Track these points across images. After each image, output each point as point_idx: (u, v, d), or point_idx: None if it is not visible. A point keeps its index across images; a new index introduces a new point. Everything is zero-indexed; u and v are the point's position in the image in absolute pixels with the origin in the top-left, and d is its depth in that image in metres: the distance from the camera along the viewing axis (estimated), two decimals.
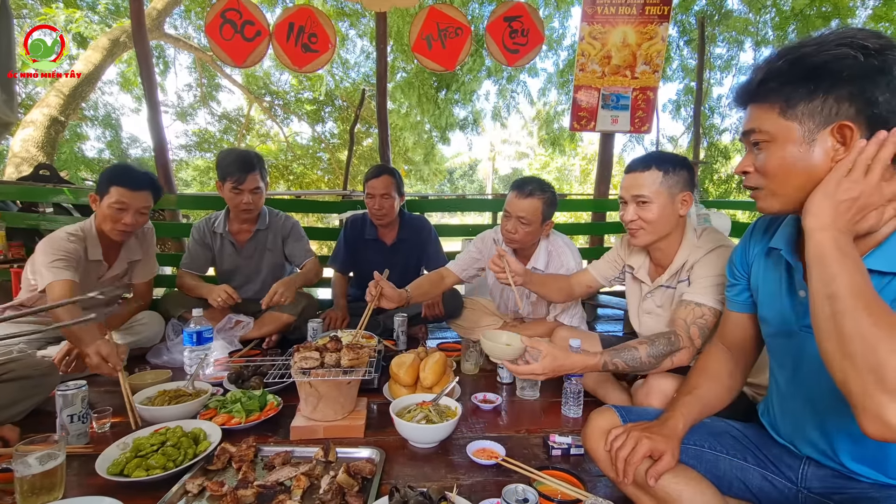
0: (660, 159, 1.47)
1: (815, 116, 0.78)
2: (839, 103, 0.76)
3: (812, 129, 0.78)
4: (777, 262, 0.98)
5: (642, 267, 1.64)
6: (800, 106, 0.79)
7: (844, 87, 0.75)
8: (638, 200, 1.47)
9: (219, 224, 2.39)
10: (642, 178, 1.46)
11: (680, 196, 1.46)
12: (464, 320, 2.53)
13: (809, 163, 0.80)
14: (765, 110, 0.83)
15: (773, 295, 0.98)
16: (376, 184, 2.42)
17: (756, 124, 0.85)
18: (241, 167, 2.21)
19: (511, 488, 0.98)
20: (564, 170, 17.72)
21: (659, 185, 1.44)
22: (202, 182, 12.21)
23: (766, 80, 0.82)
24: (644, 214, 1.47)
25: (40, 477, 1.07)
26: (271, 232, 2.45)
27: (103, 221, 1.94)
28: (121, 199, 1.89)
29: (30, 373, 1.53)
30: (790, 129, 0.80)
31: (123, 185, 1.90)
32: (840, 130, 0.77)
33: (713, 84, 9.29)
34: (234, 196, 2.25)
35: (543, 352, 1.28)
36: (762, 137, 0.84)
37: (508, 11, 2.99)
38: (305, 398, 1.49)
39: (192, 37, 9.29)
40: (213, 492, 1.14)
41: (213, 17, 2.91)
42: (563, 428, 1.61)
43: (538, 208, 1.91)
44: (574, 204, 7.32)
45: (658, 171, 1.44)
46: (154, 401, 1.57)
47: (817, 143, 0.79)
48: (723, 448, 1.07)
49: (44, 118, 5.74)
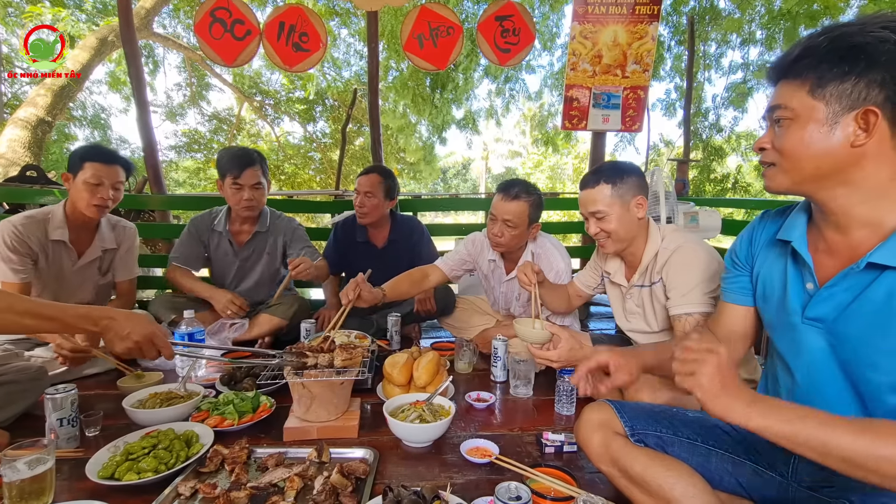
0: (608, 172, 1.55)
1: (843, 99, 0.78)
2: (870, 88, 0.76)
3: (837, 111, 0.78)
4: (783, 252, 0.98)
5: (618, 271, 1.72)
6: (830, 86, 0.78)
7: (879, 71, 0.75)
8: (596, 216, 1.56)
9: (219, 222, 2.35)
10: (594, 194, 1.55)
11: (633, 201, 1.54)
12: (456, 319, 2.54)
13: (827, 145, 0.80)
14: (795, 87, 0.83)
15: (778, 286, 0.98)
16: (363, 181, 2.42)
17: (783, 100, 0.84)
18: (241, 162, 2.18)
19: (504, 486, 0.98)
20: (557, 168, 17.79)
21: (610, 198, 1.53)
22: (192, 184, 12.09)
23: (802, 55, 0.81)
24: (604, 226, 1.56)
25: (29, 482, 1.06)
26: (272, 235, 2.41)
27: (78, 199, 1.93)
28: (96, 174, 1.90)
29: (18, 377, 1.51)
30: (815, 109, 0.80)
31: (96, 159, 1.92)
32: (864, 116, 0.77)
33: (706, 83, 9.38)
34: (235, 192, 2.20)
35: (563, 340, 1.35)
36: (786, 114, 0.84)
37: (500, 10, 2.99)
38: (298, 399, 1.49)
39: (181, 36, 9.20)
40: (205, 494, 1.13)
41: (203, 15, 2.88)
42: (556, 426, 1.62)
43: (524, 211, 1.91)
44: (566, 203, 7.35)
45: (606, 184, 1.53)
46: (145, 403, 1.55)
47: (839, 126, 0.79)
48: (715, 442, 1.08)
49: (31, 118, 5.65)
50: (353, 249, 2.60)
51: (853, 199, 0.82)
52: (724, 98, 9.20)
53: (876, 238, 0.81)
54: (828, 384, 0.89)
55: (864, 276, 0.82)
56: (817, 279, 0.89)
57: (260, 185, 2.24)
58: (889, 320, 0.78)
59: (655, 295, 1.61)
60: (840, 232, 0.87)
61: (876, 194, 0.81)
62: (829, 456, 0.68)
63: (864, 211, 0.82)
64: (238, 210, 2.28)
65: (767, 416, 0.72)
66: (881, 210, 0.81)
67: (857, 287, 0.83)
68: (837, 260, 0.87)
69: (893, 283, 0.78)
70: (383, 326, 2.36)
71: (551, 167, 17.56)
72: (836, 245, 0.88)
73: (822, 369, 0.90)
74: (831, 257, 0.88)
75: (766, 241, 1.04)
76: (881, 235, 0.81)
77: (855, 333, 0.83)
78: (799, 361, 0.94)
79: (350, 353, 1.49)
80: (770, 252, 1.03)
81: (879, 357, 0.81)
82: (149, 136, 3.09)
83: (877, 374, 0.82)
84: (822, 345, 0.89)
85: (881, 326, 0.79)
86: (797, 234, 0.93)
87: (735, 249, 1.12)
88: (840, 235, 0.87)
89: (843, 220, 0.85)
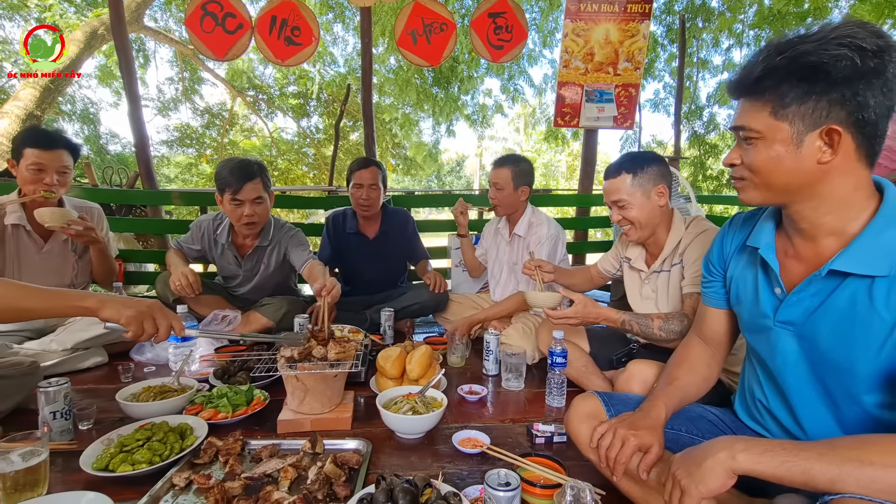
0: (629, 162, 1.60)
1: (806, 118, 0.79)
2: (831, 106, 0.76)
3: (801, 130, 0.79)
4: (753, 258, 1.01)
5: (639, 257, 1.76)
6: (792, 107, 0.79)
7: (838, 89, 0.75)
8: (618, 204, 1.61)
9: (222, 233, 2.25)
10: (615, 184, 1.60)
11: (654, 190, 1.58)
12: (450, 314, 2.58)
13: (795, 162, 0.81)
14: (757, 108, 0.83)
15: (750, 291, 1.01)
16: (365, 174, 2.43)
17: (746, 122, 0.85)
18: (240, 176, 2.03)
19: (494, 473, 1.00)
20: (551, 166, 17.86)
21: (631, 187, 1.58)
22: (184, 179, 11.98)
23: (762, 77, 0.82)
24: (627, 214, 1.61)
25: (23, 473, 1.06)
26: (274, 246, 2.33)
27: (24, 185, 1.92)
28: (37, 161, 1.88)
29: (10, 372, 1.51)
30: (779, 129, 0.81)
31: (36, 145, 1.88)
32: (828, 134, 0.78)
33: (699, 81, 9.45)
34: (235, 209, 2.06)
35: (577, 300, 1.53)
36: (751, 135, 0.85)
37: (493, 7, 3.01)
38: (292, 392, 1.50)
39: (172, 30, 9.10)
40: (200, 485, 1.14)
41: (194, 8, 2.87)
42: (546, 417, 1.65)
43: (508, 175, 2.25)
44: (559, 199, 7.40)
45: (627, 174, 1.58)
46: (139, 397, 1.56)
47: (805, 144, 0.80)
48: (699, 432, 1.11)
49: (19, 112, 5.58)
50: (345, 241, 2.62)
51: (820, 210, 0.84)
52: (717, 96, 9.27)
53: (840, 245, 0.84)
54: (800, 384, 0.93)
55: (828, 282, 0.85)
56: (785, 284, 0.92)
57: (261, 199, 2.10)
58: (852, 325, 0.82)
59: (672, 279, 1.64)
60: (807, 239, 0.89)
61: (841, 204, 0.83)
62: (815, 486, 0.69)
63: (830, 221, 0.84)
64: (239, 227, 2.16)
65: (754, 465, 0.72)
66: (845, 219, 0.83)
67: (823, 293, 0.86)
68: (805, 265, 0.90)
69: (855, 289, 0.81)
70: (377, 321, 2.37)
71: (545, 164, 17.63)
72: (804, 251, 0.90)
73: (795, 370, 0.93)
74: (799, 262, 0.91)
75: (737, 246, 1.07)
76: (844, 243, 0.83)
77: (822, 337, 0.87)
78: (774, 362, 0.97)
79: (343, 346, 1.51)
80: (741, 257, 1.06)
81: (845, 360, 0.84)
82: (140, 132, 3.07)
83: (847, 375, 0.85)
84: (793, 347, 0.92)
85: (844, 330, 0.83)
86: (764, 242, 0.96)
87: (709, 256, 1.15)
88: (807, 242, 0.89)
89: (811, 229, 0.87)
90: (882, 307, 0.78)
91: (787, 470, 0.69)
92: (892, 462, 0.64)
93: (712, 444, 0.78)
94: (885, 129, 0.80)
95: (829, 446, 0.70)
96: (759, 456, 0.72)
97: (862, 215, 0.82)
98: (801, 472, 0.68)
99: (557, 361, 1.69)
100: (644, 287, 1.73)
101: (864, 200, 0.82)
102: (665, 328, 1.50)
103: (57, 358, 1.88)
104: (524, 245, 2.34)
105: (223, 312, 2.18)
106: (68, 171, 1.97)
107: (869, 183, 0.83)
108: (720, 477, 0.74)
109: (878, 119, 0.77)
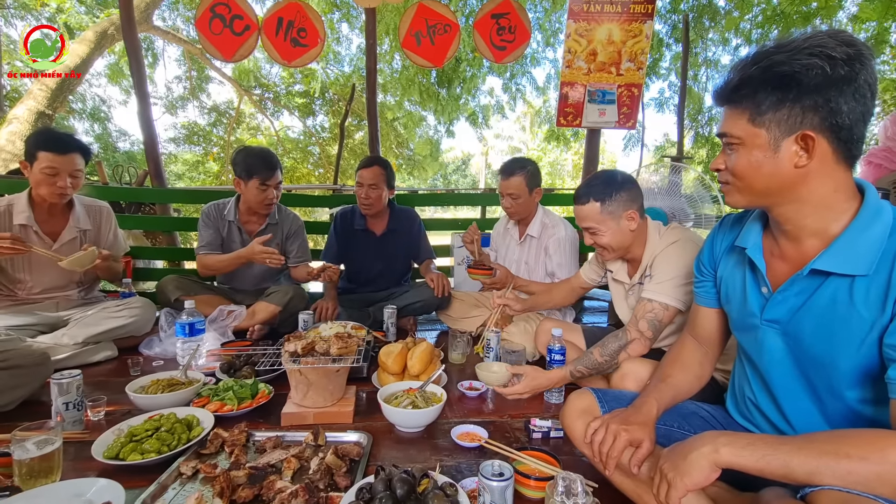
0: (598, 187, 1.57)
1: (781, 125, 0.82)
2: (805, 113, 0.80)
3: (778, 136, 0.83)
4: (742, 259, 1.03)
5: (621, 269, 1.77)
6: (768, 114, 0.83)
7: (811, 97, 0.79)
8: (588, 231, 1.62)
9: (229, 212, 2.42)
10: (584, 211, 1.59)
11: (625, 215, 1.57)
12: (453, 311, 2.61)
13: (773, 167, 0.85)
14: (736, 115, 0.87)
15: (738, 290, 1.04)
16: (365, 174, 2.47)
17: (727, 128, 0.89)
18: (269, 165, 2.30)
19: (488, 464, 1.04)
20: (557, 164, 17.82)
21: (600, 214, 1.57)
22: (191, 177, 12.09)
23: (739, 86, 0.86)
24: (598, 241, 1.61)
25: (38, 461, 1.11)
26: (279, 228, 2.52)
27: (38, 187, 1.97)
28: (50, 165, 1.92)
29: (22, 362, 1.55)
30: (757, 136, 0.85)
31: (50, 149, 1.93)
32: (803, 139, 0.81)
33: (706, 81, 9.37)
34: (260, 192, 2.31)
35: (525, 374, 1.54)
36: (732, 141, 0.89)
37: (496, 8, 3.03)
38: (296, 386, 1.54)
39: (180, 29, 9.18)
40: (206, 473, 1.19)
41: (203, 11, 2.91)
42: (544, 413, 1.67)
43: (522, 183, 2.23)
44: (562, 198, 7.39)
45: (595, 202, 1.56)
46: (147, 389, 1.61)
47: (782, 149, 0.83)
48: (691, 428, 1.14)
49: (30, 112, 5.67)
50: (352, 238, 2.65)
51: (802, 212, 0.87)
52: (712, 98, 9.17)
53: (822, 245, 0.86)
54: (787, 380, 0.96)
55: (810, 281, 0.88)
56: (771, 283, 0.95)
57: (281, 183, 2.40)
58: (833, 322, 0.85)
59: None
60: (792, 240, 0.92)
61: (822, 206, 0.85)
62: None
63: (812, 222, 0.87)
64: (259, 208, 2.39)
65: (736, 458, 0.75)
66: (826, 220, 0.86)
67: (806, 292, 0.89)
68: (790, 265, 0.93)
69: (836, 287, 0.84)
70: (379, 318, 2.41)
71: (551, 163, 17.58)
72: (789, 252, 0.93)
73: (781, 367, 0.96)
74: (784, 262, 0.94)
75: (727, 247, 1.11)
76: (826, 243, 0.86)
77: (805, 334, 0.90)
78: (761, 359, 1.00)
79: (345, 341, 1.55)
80: (730, 258, 1.09)
81: (827, 356, 0.87)
82: (149, 130, 3.13)
83: (830, 371, 0.88)
84: (779, 344, 0.95)
85: (826, 328, 0.86)
86: (752, 242, 0.99)
87: (700, 257, 1.18)
88: (792, 243, 0.92)
89: (794, 231, 0.90)
90: (861, 305, 0.81)
91: (767, 463, 0.72)
92: (866, 455, 0.67)
93: (697, 438, 0.80)
94: (863, 133, 0.82)
95: (808, 440, 0.73)
96: (741, 450, 0.75)
97: (843, 217, 0.85)
98: (781, 464, 0.71)
99: (556, 359, 1.72)
100: (629, 297, 1.75)
101: (845, 202, 0.85)
102: (604, 353, 1.54)
103: (69, 351, 1.94)
104: (539, 246, 2.35)
105: (228, 308, 2.23)
106: (80, 174, 2.03)
107: (849, 185, 0.85)
108: (704, 470, 0.76)
109: (852, 124, 0.79)
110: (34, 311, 2.06)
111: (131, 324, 2.12)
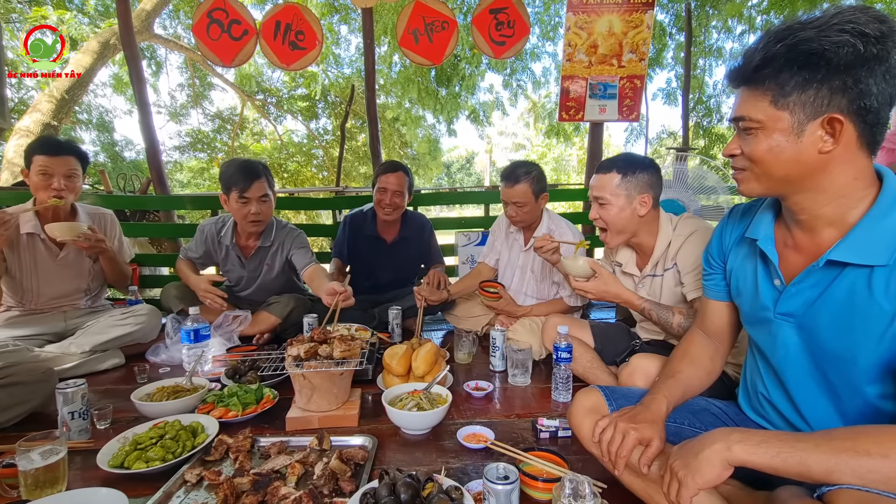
0: (623, 162, 1.57)
1: (807, 107, 0.77)
2: (832, 94, 0.75)
3: (802, 119, 0.78)
4: (752, 250, 1.00)
5: (629, 261, 1.74)
6: (793, 95, 0.77)
7: (840, 77, 0.73)
8: (599, 201, 1.60)
9: (226, 234, 2.32)
10: (602, 180, 1.58)
11: (639, 198, 1.56)
12: (458, 310, 2.58)
13: (795, 152, 0.80)
14: (757, 97, 0.82)
15: (750, 283, 1.00)
16: (392, 179, 2.40)
17: (746, 112, 0.84)
18: (247, 174, 2.11)
19: (493, 467, 1.02)
20: (562, 160, 17.73)
21: (616, 187, 1.55)
22: (196, 184, 12.19)
23: (762, 64, 0.80)
24: (603, 214, 1.60)
25: (43, 471, 1.11)
26: (278, 250, 2.37)
27: (35, 191, 2.00)
28: (43, 166, 1.95)
29: (24, 378, 1.53)
30: (780, 119, 0.79)
31: (43, 152, 1.97)
32: (830, 122, 0.76)
33: (708, 70, 9.26)
34: (241, 207, 2.14)
35: (600, 275, 1.56)
36: (751, 125, 0.83)
37: (494, 3, 3.00)
38: (300, 390, 1.53)
39: (181, 36, 9.24)
40: (210, 480, 1.18)
41: (200, 17, 2.92)
42: (552, 412, 1.65)
43: (527, 190, 2.10)
44: (567, 194, 7.34)
45: (617, 174, 1.56)
46: (153, 397, 1.61)
47: (806, 133, 0.78)
48: (702, 425, 1.11)
49: (36, 124, 5.74)
50: (362, 243, 2.62)
51: (819, 200, 0.83)
52: (725, 85, 9.07)
53: (838, 235, 0.82)
54: (802, 375, 0.92)
55: (826, 272, 0.84)
56: (785, 275, 0.91)
57: (266, 197, 2.18)
58: (851, 315, 0.81)
59: (666, 283, 1.62)
60: (806, 230, 0.88)
61: (840, 194, 0.81)
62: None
63: (829, 211, 0.83)
64: (244, 224, 2.22)
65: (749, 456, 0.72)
66: (843, 208, 0.82)
67: (822, 283, 0.84)
68: (804, 256, 0.89)
69: (854, 279, 0.80)
70: (385, 320, 2.40)
71: (555, 159, 17.51)
72: (803, 242, 0.89)
73: (796, 361, 0.92)
74: (799, 254, 0.90)
75: (736, 239, 1.06)
76: (843, 232, 0.82)
77: (822, 328, 0.86)
78: (775, 354, 0.96)
79: (348, 344, 1.53)
80: (740, 249, 1.05)
81: (845, 351, 0.83)
82: (151, 138, 3.14)
83: (848, 366, 0.84)
84: (794, 339, 0.91)
85: (844, 321, 0.82)
86: (763, 233, 0.95)
87: (709, 249, 1.15)
88: (806, 233, 0.88)
89: (810, 220, 0.86)
90: (881, 297, 0.77)
91: (783, 461, 0.69)
92: (887, 452, 0.64)
93: (708, 435, 0.78)
94: (888, 117, 0.78)
95: (826, 437, 0.69)
96: (755, 447, 0.72)
97: (860, 204, 0.81)
98: (797, 462, 0.68)
99: (562, 356, 1.70)
100: (639, 289, 1.72)
101: (864, 189, 0.81)
102: (684, 325, 1.49)
103: (76, 360, 1.94)
104: None
105: (234, 313, 2.23)
106: (76, 176, 2.03)
107: (869, 171, 0.81)
108: (716, 468, 0.74)
109: (879, 107, 0.75)
110: (42, 321, 2.07)
111: (137, 331, 2.12)
